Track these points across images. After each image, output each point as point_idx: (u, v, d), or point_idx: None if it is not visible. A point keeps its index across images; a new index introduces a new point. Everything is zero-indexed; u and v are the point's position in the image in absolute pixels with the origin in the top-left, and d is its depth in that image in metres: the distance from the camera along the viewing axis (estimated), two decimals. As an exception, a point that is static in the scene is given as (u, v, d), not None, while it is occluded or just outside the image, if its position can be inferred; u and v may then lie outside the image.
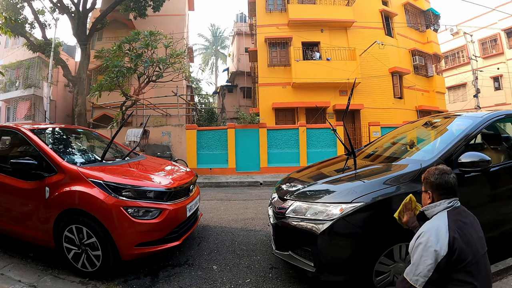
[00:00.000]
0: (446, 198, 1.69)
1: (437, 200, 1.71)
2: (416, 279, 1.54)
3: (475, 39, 19.38)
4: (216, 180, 8.96)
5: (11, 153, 3.37)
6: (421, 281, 1.52)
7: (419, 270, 1.53)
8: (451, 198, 1.69)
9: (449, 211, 1.64)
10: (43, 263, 2.94)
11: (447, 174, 1.70)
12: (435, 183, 1.71)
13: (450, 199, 1.68)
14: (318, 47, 13.91)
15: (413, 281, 1.55)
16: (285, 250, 2.51)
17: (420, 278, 1.52)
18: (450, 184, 1.68)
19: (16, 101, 16.39)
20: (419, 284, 1.53)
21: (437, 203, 1.70)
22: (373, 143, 3.83)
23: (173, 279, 2.69)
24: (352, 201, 2.18)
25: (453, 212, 1.64)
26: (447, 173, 1.70)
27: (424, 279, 1.51)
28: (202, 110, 16.19)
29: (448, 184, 1.68)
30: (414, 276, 1.55)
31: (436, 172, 1.72)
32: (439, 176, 1.70)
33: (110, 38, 15.76)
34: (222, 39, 35.46)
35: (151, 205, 2.71)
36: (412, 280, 1.55)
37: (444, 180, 1.68)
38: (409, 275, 1.58)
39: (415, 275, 1.54)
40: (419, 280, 1.53)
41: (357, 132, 12.90)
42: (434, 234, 1.54)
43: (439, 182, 1.69)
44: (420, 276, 1.52)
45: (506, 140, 3.09)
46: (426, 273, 1.51)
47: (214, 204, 5.79)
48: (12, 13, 12.41)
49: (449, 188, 1.68)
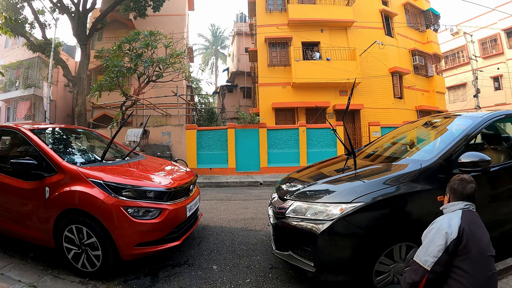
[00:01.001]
0: (463, 201, 1.79)
1: (453, 201, 1.83)
2: (425, 259, 1.62)
3: (475, 39, 19.36)
4: (216, 180, 8.95)
5: (11, 153, 3.36)
6: (430, 262, 1.60)
7: (430, 250, 1.62)
8: (468, 202, 1.78)
9: (464, 211, 1.73)
10: (43, 263, 2.94)
11: (466, 183, 1.81)
12: (453, 187, 1.84)
13: (466, 202, 1.78)
14: (318, 47, 13.91)
15: (423, 262, 1.63)
16: (285, 250, 2.50)
17: (430, 258, 1.60)
18: (467, 191, 1.79)
19: (16, 101, 16.39)
20: (428, 264, 1.60)
21: (454, 203, 1.80)
22: (373, 143, 3.83)
23: (173, 279, 2.69)
24: (352, 201, 2.18)
25: (467, 213, 1.73)
26: (466, 181, 1.81)
27: (434, 259, 1.59)
28: (202, 110, 16.20)
29: (465, 190, 1.79)
30: (424, 257, 1.63)
31: (457, 179, 1.85)
32: (458, 183, 1.83)
33: (110, 38, 15.75)
34: (222, 39, 35.47)
35: (151, 205, 2.71)
36: (422, 260, 1.63)
37: (461, 187, 1.81)
38: (419, 257, 1.66)
39: (425, 255, 1.63)
40: (429, 260, 1.60)
41: (357, 132, 12.90)
42: (447, 221, 1.67)
43: (457, 187, 1.82)
44: (430, 256, 1.60)
45: (506, 140, 3.09)
46: (436, 253, 1.59)
47: (214, 204, 5.79)
48: (12, 13, 12.40)
49: (466, 194, 1.79)
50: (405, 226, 2.21)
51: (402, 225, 2.22)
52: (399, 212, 2.23)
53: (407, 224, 2.22)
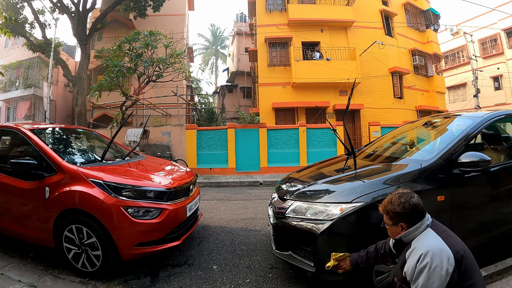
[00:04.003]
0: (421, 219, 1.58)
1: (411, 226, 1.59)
2: None
3: (475, 39, 19.36)
4: (216, 180, 8.95)
5: (11, 153, 3.37)
6: None
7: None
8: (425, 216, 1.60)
9: (431, 227, 1.58)
10: (43, 263, 2.94)
11: (411, 197, 1.57)
12: (405, 213, 1.57)
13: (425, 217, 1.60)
14: (318, 47, 13.91)
15: None
16: (285, 250, 2.50)
17: None
18: (418, 206, 1.56)
19: (16, 101, 16.39)
20: None
21: (416, 226, 1.57)
22: (373, 143, 3.83)
23: (173, 279, 2.69)
24: (352, 201, 2.18)
25: (435, 227, 1.58)
26: (410, 196, 1.58)
27: None
28: (202, 110, 16.18)
29: (417, 207, 1.56)
30: None
31: (401, 201, 1.57)
32: (405, 203, 1.56)
33: (110, 38, 15.75)
34: (222, 39, 35.47)
35: (151, 205, 2.71)
36: None
37: (412, 204, 1.55)
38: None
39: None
40: None
41: (357, 132, 12.90)
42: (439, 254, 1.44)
43: (409, 209, 1.56)
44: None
45: (506, 140, 3.09)
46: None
47: (214, 204, 5.79)
48: (12, 13, 12.39)
49: (422, 210, 1.57)
50: (405, 226, 2.21)
51: (402, 225, 2.22)
52: (399, 212, 2.23)
53: (407, 224, 2.21)
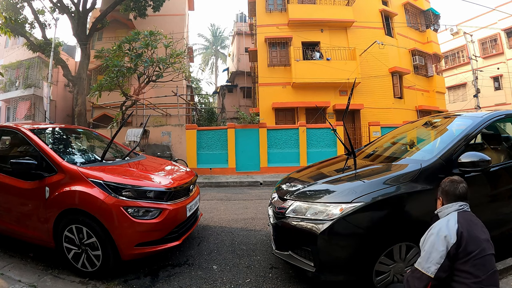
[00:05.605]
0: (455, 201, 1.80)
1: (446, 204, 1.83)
2: (428, 266, 1.59)
3: (475, 39, 19.36)
4: (216, 180, 8.95)
5: (11, 153, 3.37)
6: (433, 268, 1.57)
7: (432, 257, 1.60)
8: (462, 202, 1.79)
9: (459, 212, 1.74)
10: (43, 263, 2.94)
11: (457, 183, 1.82)
12: (445, 190, 1.85)
13: (461, 202, 1.78)
14: (318, 47, 13.91)
15: (425, 269, 1.60)
16: (285, 250, 2.50)
17: (433, 265, 1.58)
18: (459, 192, 1.80)
19: (16, 101, 16.38)
20: (431, 271, 1.58)
21: (448, 205, 1.81)
22: (373, 143, 3.83)
23: (173, 279, 2.69)
24: (352, 201, 2.18)
25: (463, 213, 1.74)
26: (457, 182, 1.83)
27: (437, 266, 1.57)
28: (202, 110, 16.19)
29: (457, 191, 1.80)
30: (427, 264, 1.60)
31: (447, 181, 1.87)
32: (449, 184, 1.84)
33: (110, 38, 15.75)
34: (222, 39, 35.46)
35: (151, 205, 2.71)
36: (425, 268, 1.61)
37: (453, 188, 1.81)
38: (421, 264, 1.63)
39: (428, 262, 1.60)
40: (432, 267, 1.58)
41: (357, 132, 12.89)
42: (445, 225, 1.66)
43: (449, 189, 1.83)
44: (432, 263, 1.58)
45: (506, 140, 3.09)
46: (439, 259, 1.57)
47: (214, 204, 5.79)
48: (12, 13, 12.38)
49: (458, 195, 1.80)
50: (405, 226, 2.21)
51: (402, 225, 2.22)
52: (399, 212, 2.23)
53: (407, 224, 2.22)
